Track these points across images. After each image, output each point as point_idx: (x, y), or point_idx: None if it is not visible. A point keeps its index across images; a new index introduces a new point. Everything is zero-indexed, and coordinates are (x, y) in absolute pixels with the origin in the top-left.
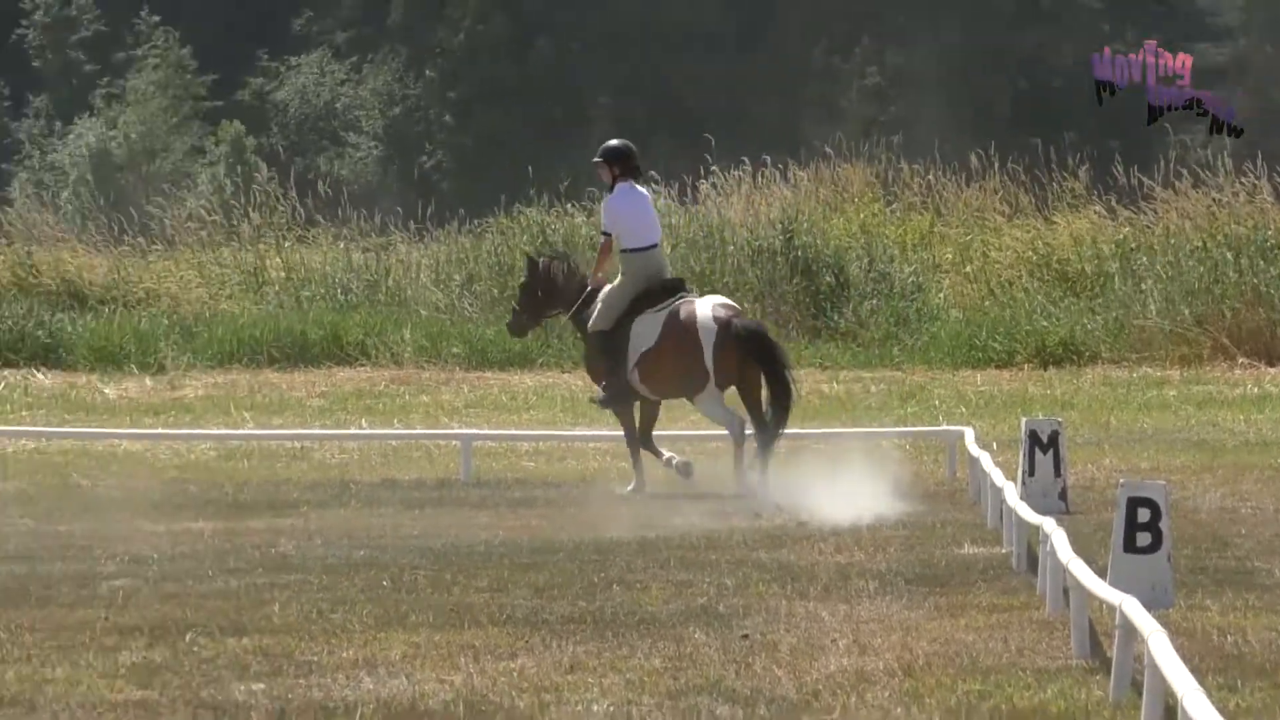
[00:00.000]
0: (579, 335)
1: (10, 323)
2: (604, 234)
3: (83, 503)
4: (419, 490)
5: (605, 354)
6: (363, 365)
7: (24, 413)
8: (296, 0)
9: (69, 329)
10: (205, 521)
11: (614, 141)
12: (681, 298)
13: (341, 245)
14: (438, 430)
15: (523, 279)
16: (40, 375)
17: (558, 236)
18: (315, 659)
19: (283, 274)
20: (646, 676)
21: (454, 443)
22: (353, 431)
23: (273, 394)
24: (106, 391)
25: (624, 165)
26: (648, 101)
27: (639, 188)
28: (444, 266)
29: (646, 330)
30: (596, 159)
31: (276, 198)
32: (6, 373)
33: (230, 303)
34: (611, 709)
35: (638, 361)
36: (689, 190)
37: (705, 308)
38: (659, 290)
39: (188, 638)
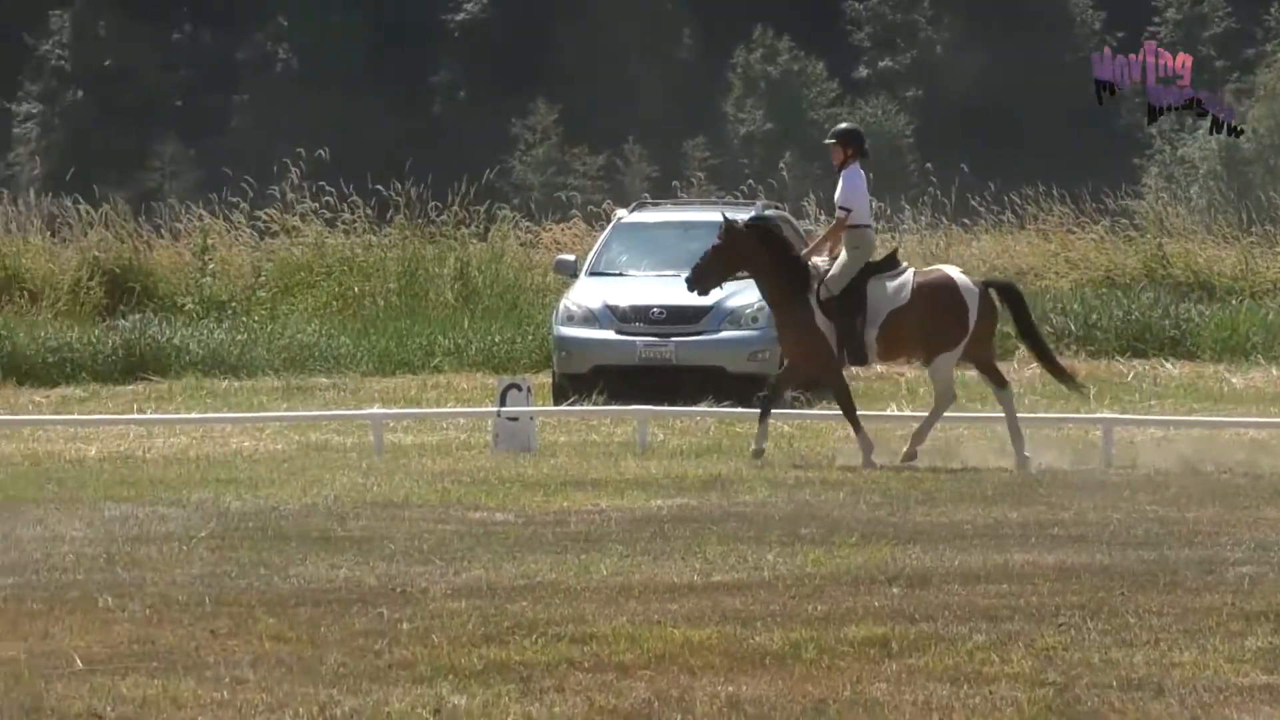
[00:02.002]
0: (769, 302)
1: (1139, 314)
2: (843, 209)
3: (1209, 489)
4: None
5: (844, 315)
6: None
7: (1152, 401)
8: None
9: (1195, 319)
10: None
11: (846, 124)
12: (905, 267)
13: None
14: None
15: (717, 240)
16: (1168, 365)
17: None
18: None
19: None
20: None
21: None
22: None
23: None
24: (1234, 381)
25: (857, 147)
26: None
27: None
28: None
29: (888, 293)
30: (830, 140)
31: None
32: (1135, 362)
33: None
34: None
35: (884, 320)
36: None
37: (957, 273)
38: (880, 261)
39: None
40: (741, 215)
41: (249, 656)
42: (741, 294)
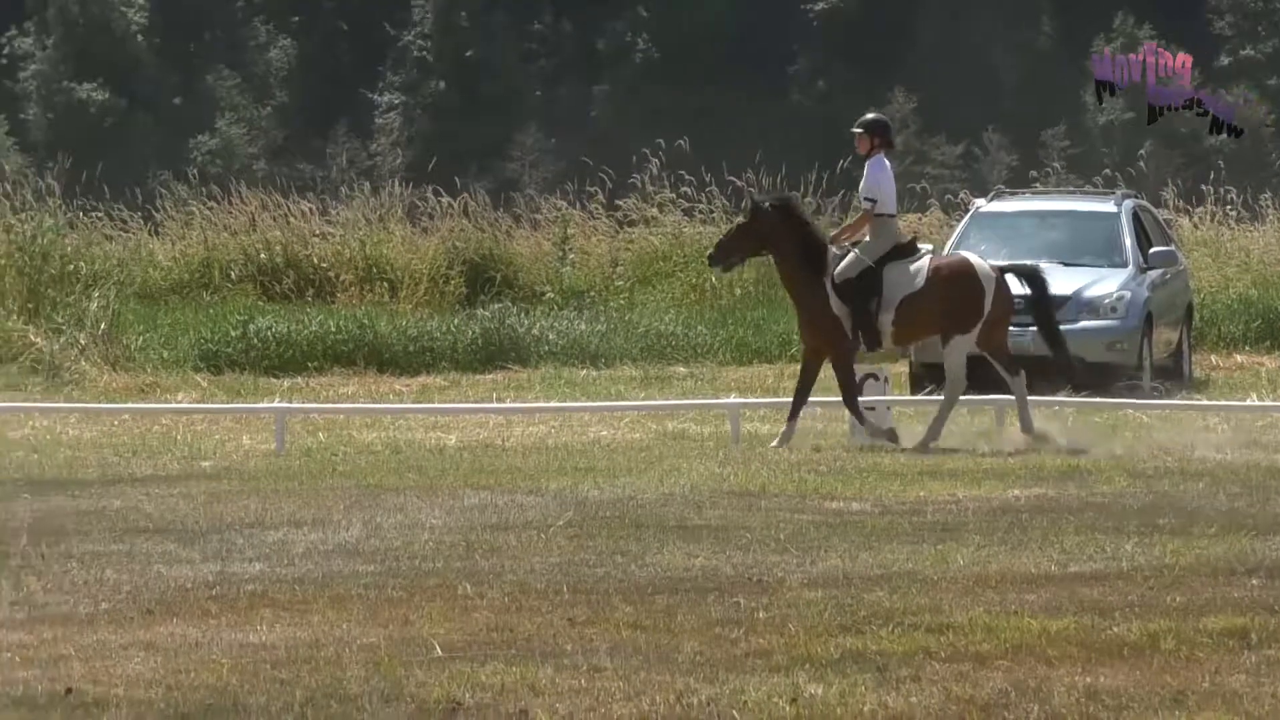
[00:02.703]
0: (786, 283)
1: None
2: (869, 200)
3: None
4: None
5: (859, 299)
6: None
7: None
8: None
9: None
10: None
11: (873, 114)
12: (924, 252)
13: None
14: None
15: (744, 218)
16: None
17: None
18: None
19: None
20: None
21: None
22: None
23: None
24: None
25: (884, 137)
26: None
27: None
28: None
29: (903, 278)
30: (856, 129)
31: None
32: None
33: None
34: None
35: (899, 305)
36: None
37: (975, 258)
38: (901, 246)
39: None
40: (765, 198)
41: (606, 644)
42: (1100, 283)
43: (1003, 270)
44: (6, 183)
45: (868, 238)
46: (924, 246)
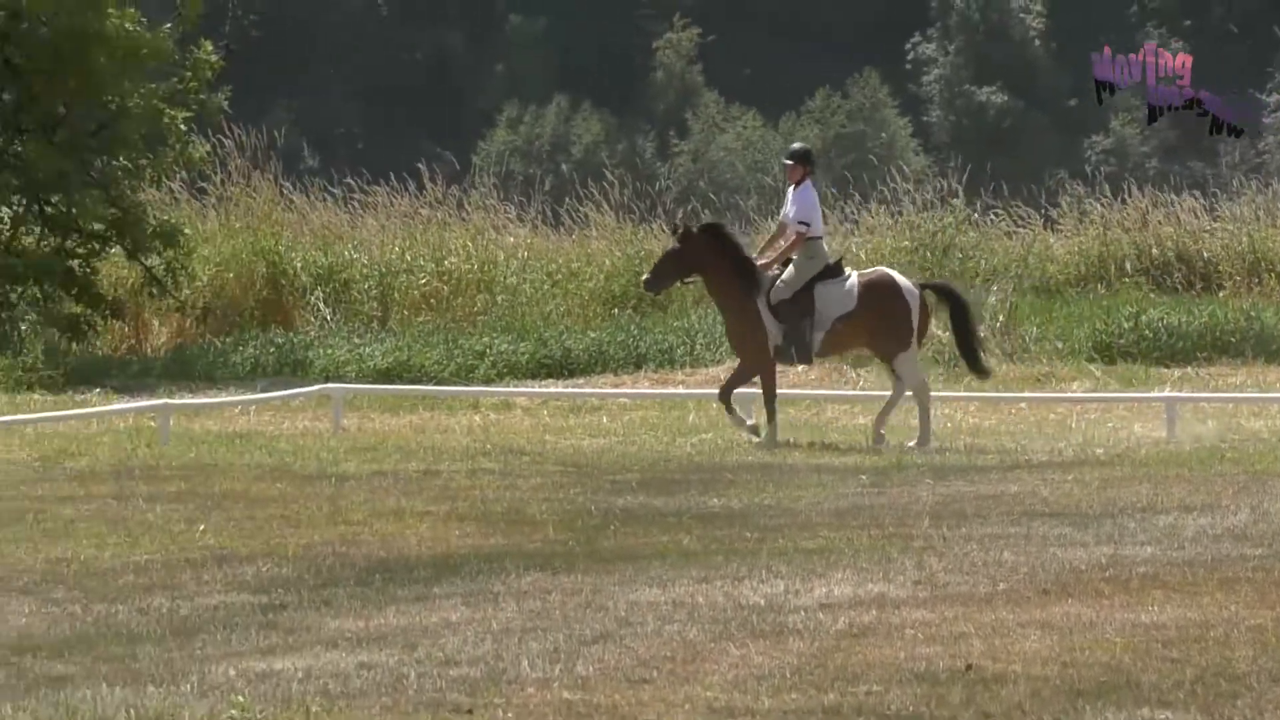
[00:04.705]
0: (718, 301)
1: None
2: (802, 224)
3: None
4: None
5: (793, 319)
6: None
7: None
8: None
9: None
10: None
11: (799, 144)
12: (849, 274)
13: None
14: None
15: (674, 245)
16: None
17: None
18: None
19: None
20: None
21: None
22: None
23: None
24: None
25: (811, 165)
26: None
27: None
28: None
29: (837, 296)
30: (788, 160)
31: None
32: None
33: None
34: None
35: (836, 323)
36: None
37: (898, 276)
38: (830, 267)
39: None
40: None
41: None
42: None
43: (923, 287)
44: (910, 182)
45: (795, 258)
46: (845, 267)
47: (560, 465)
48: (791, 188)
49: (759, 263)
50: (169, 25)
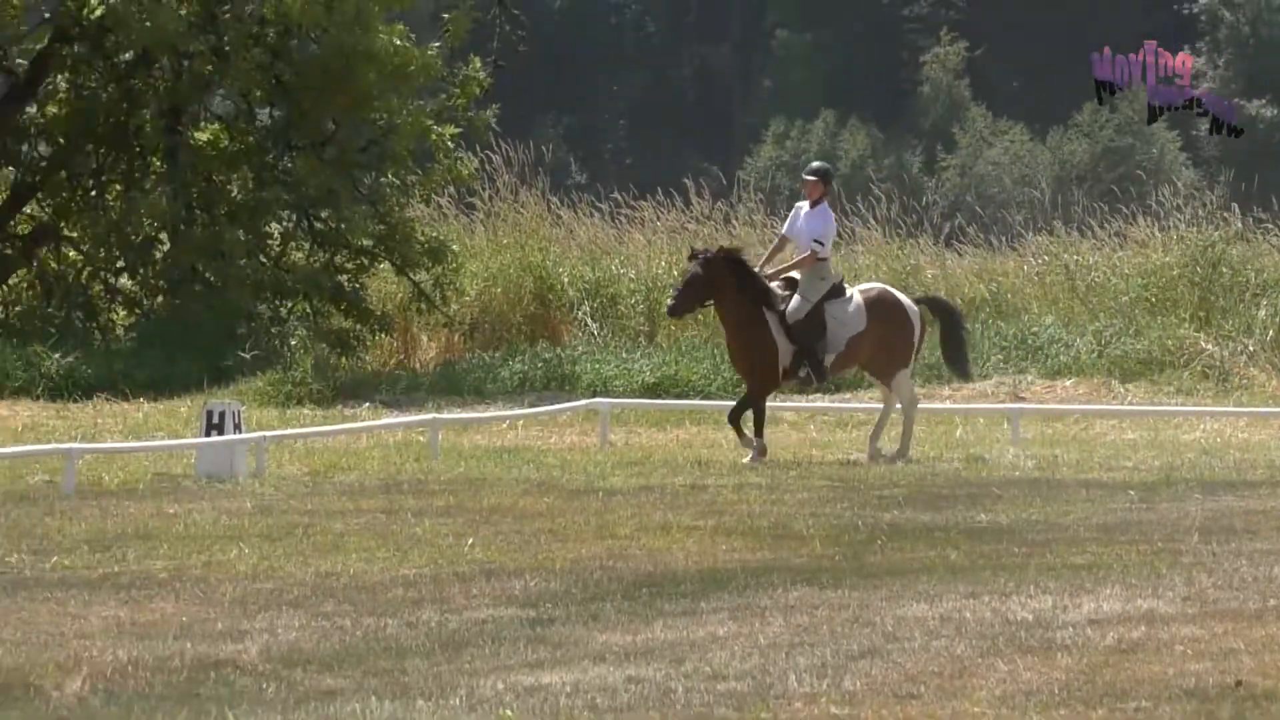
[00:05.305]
0: (732, 323)
1: None
2: (818, 243)
3: None
4: None
5: (807, 339)
6: None
7: None
8: None
9: None
10: None
11: (819, 163)
12: (851, 292)
13: None
14: None
15: (696, 269)
16: None
17: None
18: None
19: None
20: None
21: None
22: None
23: None
24: None
25: (830, 184)
26: None
27: None
28: None
29: (848, 318)
30: (810, 176)
31: None
32: None
33: None
34: None
35: (849, 343)
36: None
37: (899, 294)
38: (835, 286)
39: None
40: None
41: None
42: None
43: (919, 302)
44: (1179, 197)
45: (802, 277)
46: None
47: (827, 480)
48: (807, 205)
49: (766, 272)
50: (437, 44)
